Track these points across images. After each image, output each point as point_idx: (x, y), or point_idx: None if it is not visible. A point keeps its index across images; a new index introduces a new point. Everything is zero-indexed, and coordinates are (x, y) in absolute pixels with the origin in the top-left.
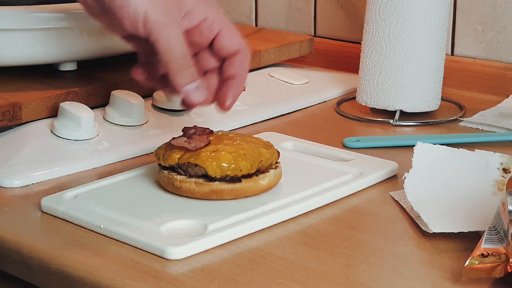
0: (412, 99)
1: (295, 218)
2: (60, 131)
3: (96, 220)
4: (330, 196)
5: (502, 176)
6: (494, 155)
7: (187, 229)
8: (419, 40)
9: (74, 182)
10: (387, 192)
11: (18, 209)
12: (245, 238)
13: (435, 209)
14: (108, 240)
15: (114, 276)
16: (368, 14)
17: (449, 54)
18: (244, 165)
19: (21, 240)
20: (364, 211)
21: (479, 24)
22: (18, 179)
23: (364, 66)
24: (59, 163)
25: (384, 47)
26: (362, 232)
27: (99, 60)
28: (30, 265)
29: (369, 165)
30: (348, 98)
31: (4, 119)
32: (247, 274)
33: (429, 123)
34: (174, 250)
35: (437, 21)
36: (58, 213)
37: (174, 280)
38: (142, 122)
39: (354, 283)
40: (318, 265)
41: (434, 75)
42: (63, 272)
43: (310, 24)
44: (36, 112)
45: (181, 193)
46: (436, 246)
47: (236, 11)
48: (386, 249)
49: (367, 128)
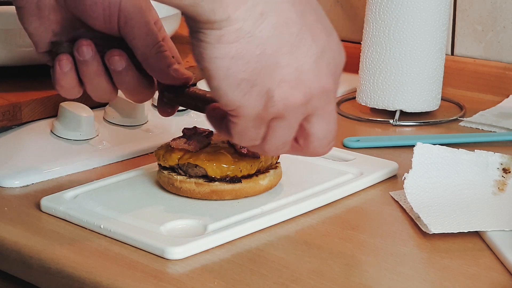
0: (412, 99)
1: (295, 218)
2: (60, 131)
3: (96, 220)
4: (330, 196)
5: (502, 176)
6: (494, 155)
7: (187, 229)
8: (419, 40)
9: (74, 182)
10: (387, 192)
11: (18, 209)
12: (245, 238)
13: (435, 209)
14: (108, 240)
15: (114, 276)
16: (368, 14)
17: (449, 54)
18: (244, 166)
19: (21, 240)
20: (364, 211)
21: (479, 24)
22: (18, 179)
23: (364, 66)
24: (59, 163)
25: (384, 47)
26: (362, 232)
27: None
28: (30, 265)
29: (369, 165)
30: (348, 98)
31: (4, 119)
32: (247, 274)
33: (429, 123)
34: (174, 250)
35: (437, 21)
36: (58, 213)
37: (174, 280)
38: (142, 122)
39: (354, 283)
40: (318, 265)
41: (434, 75)
42: (63, 272)
43: None
44: (36, 112)
45: (181, 193)
46: (436, 246)
47: None
48: (386, 249)
49: (367, 128)
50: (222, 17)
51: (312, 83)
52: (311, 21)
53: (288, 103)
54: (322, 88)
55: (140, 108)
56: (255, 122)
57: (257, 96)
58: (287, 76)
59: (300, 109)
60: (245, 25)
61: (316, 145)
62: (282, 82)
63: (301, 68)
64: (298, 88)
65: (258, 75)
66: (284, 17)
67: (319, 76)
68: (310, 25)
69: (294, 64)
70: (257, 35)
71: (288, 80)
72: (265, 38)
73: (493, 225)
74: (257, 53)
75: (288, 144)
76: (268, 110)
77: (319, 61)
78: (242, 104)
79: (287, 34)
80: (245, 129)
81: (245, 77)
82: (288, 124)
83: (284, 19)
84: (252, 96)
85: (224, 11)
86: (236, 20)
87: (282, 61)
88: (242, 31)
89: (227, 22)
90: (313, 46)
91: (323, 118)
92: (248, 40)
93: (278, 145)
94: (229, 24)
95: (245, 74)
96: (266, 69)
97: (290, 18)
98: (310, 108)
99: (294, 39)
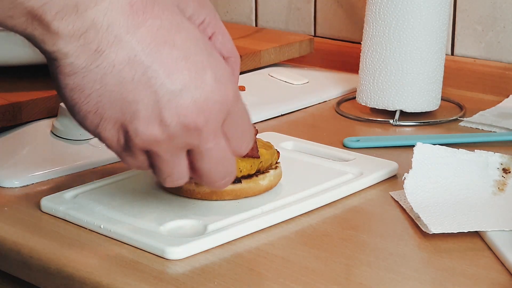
0: (412, 99)
1: (295, 218)
2: (60, 131)
3: (96, 220)
4: (330, 196)
5: (502, 176)
6: (494, 155)
7: (187, 229)
8: (419, 40)
9: (74, 182)
10: (387, 192)
11: (18, 209)
12: (245, 238)
13: (435, 209)
14: (108, 240)
15: (114, 276)
16: (368, 14)
17: (449, 54)
18: (244, 166)
19: (21, 240)
20: (364, 211)
21: (479, 24)
22: (18, 179)
23: (364, 66)
24: (59, 163)
25: (384, 47)
26: (362, 232)
27: None
28: (30, 265)
29: (369, 165)
30: (348, 98)
31: (4, 119)
32: (247, 274)
33: (429, 123)
34: (174, 250)
35: (437, 21)
36: (58, 213)
37: (174, 280)
38: None
39: (354, 283)
40: (318, 265)
41: (434, 75)
42: (63, 272)
43: (310, 24)
44: (36, 112)
45: (181, 193)
46: (436, 246)
47: (236, 11)
48: (386, 249)
49: (367, 128)
50: (52, 48)
51: (171, 120)
52: (165, 60)
53: (145, 138)
54: (184, 126)
55: None
56: (127, 153)
57: (112, 129)
58: (139, 113)
59: (165, 145)
60: (78, 61)
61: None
62: (134, 118)
63: (156, 105)
64: (154, 124)
65: (104, 109)
66: (125, 55)
67: (178, 114)
68: (163, 64)
69: (145, 101)
70: (94, 70)
71: (140, 116)
72: (103, 74)
73: (493, 225)
74: (97, 87)
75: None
76: (129, 144)
77: (178, 99)
78: (99, 136)
79: (130, 72)
80: (121, 157)
81: (89, 110)
82: (163, 159)
83: (124, 57)
84: (106, 129)
85: (53, 43)
86: (67, 55)
87: (128, 98)
88: (75, 65)
89: (59, 54)
90: (168, 84)
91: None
92: (84, 74)
93: (165, 177)
94: (62, 56)
95: (89, 107)
96: (113, 104)
97: (133, 57)
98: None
99: (139, 78)
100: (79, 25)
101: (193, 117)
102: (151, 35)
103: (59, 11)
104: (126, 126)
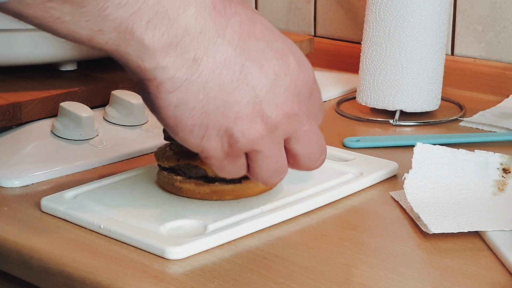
0: (412, 99)
1: (295, 218)
2: (60, 131)
3: (96, 220)
4: (330, 196)
5: (502, 176)
6: (494, 155)
7: (187, 229)
8: (419, 40)
9: (74, 182)
10: (387, 192)
11: (18, 209)
12: (245, 238)
13: (435, 209)
14: (108, 240)
15: (114, 276)
16: (368, 14)
17: (449, 54)
18: None
19: (21, 240)
20: (364, 211)
21: (479, 24)
22: (18, 179)
23: (364, 66)
24: (59, 163)
25: (384, 47)
26: (362, 232)
27: (99, 60)
28: (30, 265)
29: (369, 165)
30: (348, 98)
31: (4, 119)
32: (247, 274)
33: (429, 123)
34: (174, 250)
35: (437, 21)
36: (58, 213)
37: (174, 280)
38: (142, 122)
39: (354, 283)
40: (318, 265)
41: (434, 75)
42: (63, 272)
43: (310, 24)
44: (36, 112)
45: (181, 193)
46: (436, 246)
47: None
48: (386, 249)
49: (367, 128)
50: (151, 64)
51: (272, 112)
52: (255, 54)
53: (251, 137)
54: (284, 114)
55: (140, 108)
56: (229, 159)
57: (216, 137)
58: (241, 112)
59: (268, 139)
60: (179, 73)
61: (304, 162)
62: (238, 119)
63: (255, 100)
64: (256, 121)
65: (209, 118)
66: (221, 58)
67: (277, 104)
68: (254, 58)
69: (245, 99)
70: (196, 80)
71: (243, 116)
72: (205, 83)
73: (493, 225)
74: (201, 98)
75: (282, 171)
76: (234, 147)
77: (273, 89)
78: (204, 148)
79: (228, 74)
80: (222, 166)
81: (195, 123)
82: (266, 155)
83: (221, 60)
84: (211, 139)
85: (151, 57)
86: (167, 69)
87: (230, 100)
88: (177, 79)
89: (159, 70)
90: (262, 77)
91: (301, 139)
92: (187, 87)
93: (270, 174)
94: (162, 73)
95: (195, 120)
96: (216, 111)
97: (229, 58)
98: (281, 134)
99: (237, 77)
100: (173, 33)
101: (289, 103)
102: (237, 33)
103: (150, 20)
104: (230, 130)
